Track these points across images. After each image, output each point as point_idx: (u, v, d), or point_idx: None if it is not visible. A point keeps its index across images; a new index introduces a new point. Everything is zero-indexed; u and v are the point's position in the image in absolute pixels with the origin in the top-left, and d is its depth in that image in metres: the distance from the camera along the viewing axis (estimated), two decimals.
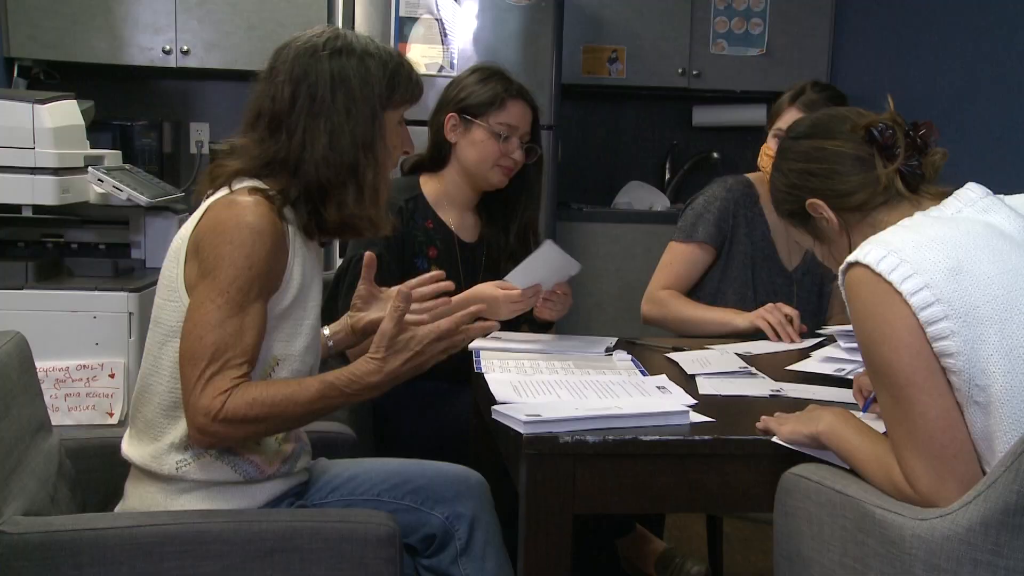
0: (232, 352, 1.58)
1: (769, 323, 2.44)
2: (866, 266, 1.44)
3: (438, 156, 2.55)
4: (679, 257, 2.71)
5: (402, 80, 1.77)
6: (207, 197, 1.72)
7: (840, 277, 1.51)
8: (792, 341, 2.41)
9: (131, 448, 1.74)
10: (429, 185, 2.56)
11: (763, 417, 1.69)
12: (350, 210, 1.71)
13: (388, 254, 2.40)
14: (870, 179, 1.60)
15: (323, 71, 1.70)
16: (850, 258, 1.48)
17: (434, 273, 2.01)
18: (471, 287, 2.43)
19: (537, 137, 2.55)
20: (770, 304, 2.48)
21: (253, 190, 1.67)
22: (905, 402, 1.41)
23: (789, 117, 2.57)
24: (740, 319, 2.50)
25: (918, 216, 1.54)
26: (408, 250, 2.47)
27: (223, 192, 1.69)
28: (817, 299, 2.75)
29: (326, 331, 2.00)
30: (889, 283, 1.41)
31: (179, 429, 1.67)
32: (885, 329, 1.42)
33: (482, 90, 2.48)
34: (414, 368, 1.64)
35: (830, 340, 2.30)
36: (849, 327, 2.16)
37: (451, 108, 2.51)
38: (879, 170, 1.59)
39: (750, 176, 2.77)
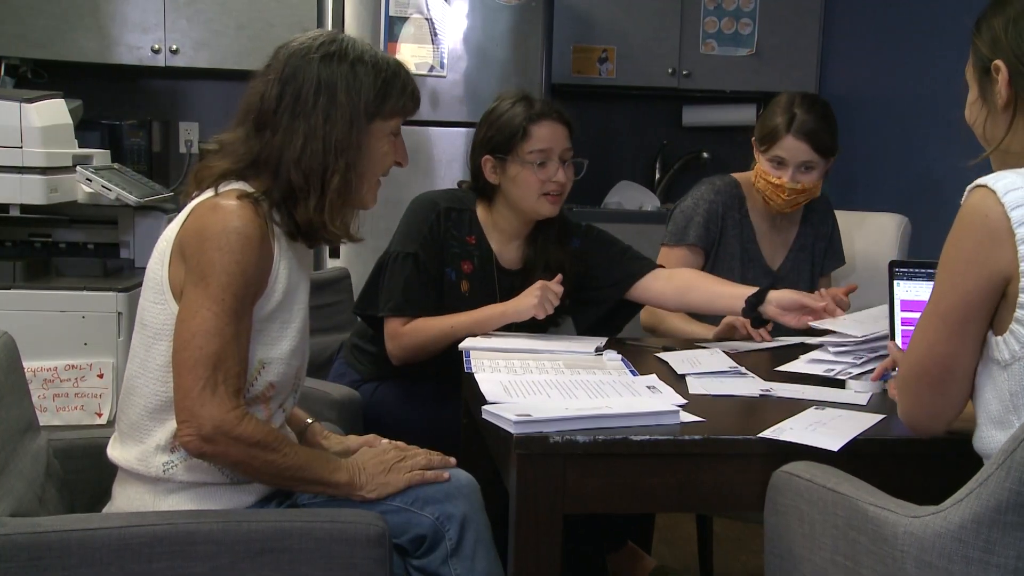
0: (231, 361, 1.60)
1: (741, 322, 2.44)
2: (993, 192, 1.39)
3: (484, 193, 2.50)
4: (671, 262, 2.69)
5: (395, 91, 1.76)
6: (193, 198, 1.72)
7: (965, 195, 1.45)
8: (762, 339, 2.41)
9: (117, 450, 1.74)
10: (483, 209, 2.50)
11: None
12: (310, 215, 1.71)
13: (424, 255, 2.40)
14: None
15: (311, 74, 1.70)
16: (980, 180, 1.42)
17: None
18: None
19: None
20: None
21: (239, 194, 1.66)
22: (927, 326, 1.46)
23: (790, 145, 2.56)
24: (713, 332, 2.51)
25: None
26: (440, 257, 2.43)
27: (208, 194, 1.69)
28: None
29: (308, 421, 2.01)
30: (1008, 219, 1.37)
31: (165, 431, 1.67)
32: (960, 265, 1.41)
33: (505, 124, 2.41)
34: (381, 465, 1.77)
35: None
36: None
37: (483, 150, 2.45)
38: None
39: (737, 177, 2.77)
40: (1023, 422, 1.37)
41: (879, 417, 1.76)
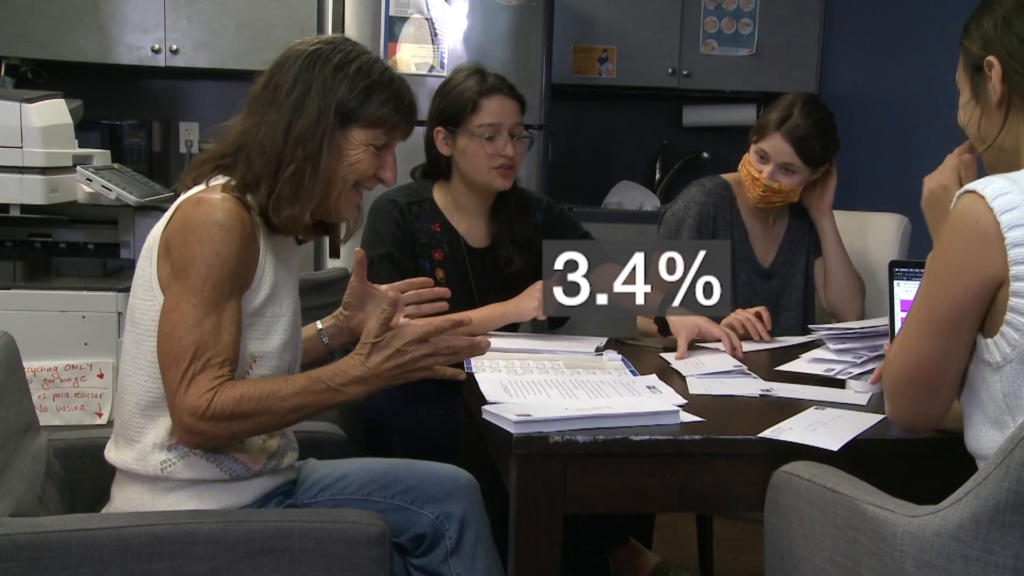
0: (213, 350, 1.59)
1: (739, 321, 2.44)
2: (982, 197, 1.38)
3: (436, 168, 2.54)
4: None
5: (378, 98, 1.73)
6: (185, 190, 1.73)
7: (954, 200, 1.44)
8: (760, 338, 2.41)
9: (114, 452, 1.74)
10: (441, 191, 2.54)
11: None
12: (260, 201, 1.70)
13: (398, 252, 2.41)
14: None
15: (292, 69, 1.71)
16: (968, 185, 1.42)
17: (424, 280, 2.05)
18: (484, 292, 2.43)
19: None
20: (737, 309, 2.49)
21: (223, 187, 1.68)
22: (919, 333, 1.45)
23: (775, 143, 2.57)
24: None
25: None
26: (412, 251, 2.46)
27: (196, 189, 1.70)
28: (803, 285, 2.76)
29: (319, 325, 2.01)
30: (998, 223, 1.36)
31: (159, 429, 1.67)
32: (952, 270, 1.41)
33: (456, 96, 2.45)
34: (397, 368, 1.62)
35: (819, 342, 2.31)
36: (837, 327, 2.17)
37: (435, 122, 2.48)
38: None
39: (727, 177, 2.77)
40: (1019, 422, 1.37)
41: (879, 417, 1.76)
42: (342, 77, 1.71)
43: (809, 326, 2.47)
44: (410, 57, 3.90)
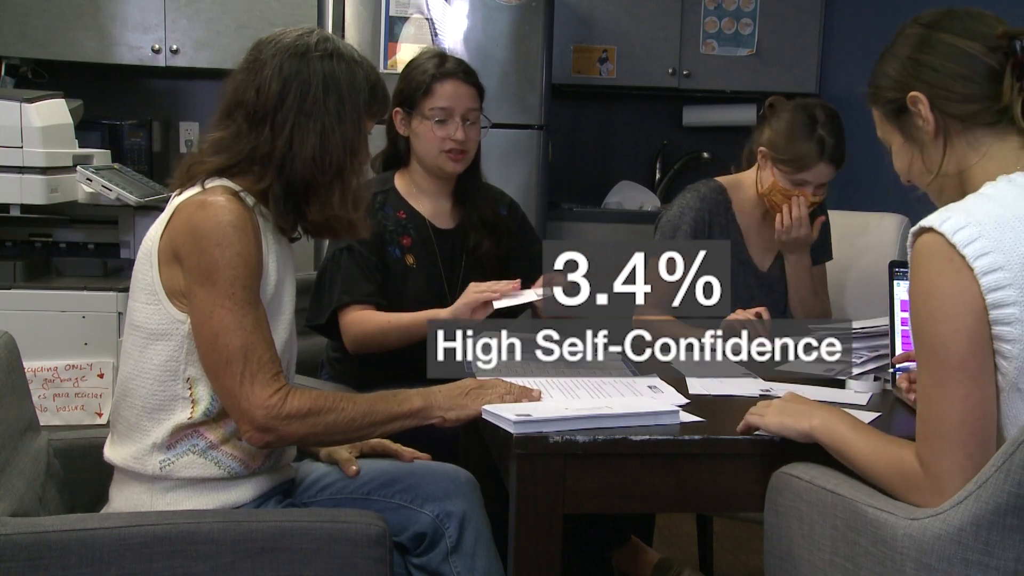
0: (261, 349, 1.61)
1: (740, 321, 2.43)
2: (940, 234, 1.36)
3: (396, 152, 2.56)
4: None
5: (380, 94, 1.79)
6: (177, 194, 1.72)
7: (910, 239, 1.42)
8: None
9: (113, 451, 1.74)
10: (402, 178, 2.57)
11: (745, 418, 1.67)
12: (334, 211, 1.72)
13: (359, 245, 2.41)
14: (991, 93, 1.45)
15: (315, 71, 1.70)
16: (924, 222, 1.39)
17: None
18: (452, 274, 2.43)
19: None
20: (738, 309, 2.48)
21: (224, 190, 1.67)
22: (950, 384, 1.36)
23: (820, 171, 2.59)
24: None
25: (1003, 184, 1.42)
26: (380, 240, 2.47)
27: (192, 191, 1.68)
28: None
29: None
30: (963, 257, 1.34)
31: (162, 429, 1.67)
32: (948, 308, 1.35)
33: (413, 79, 2.48)
34: (456, 388, 1.75)
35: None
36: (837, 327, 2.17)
37: (394, 102, 2.50)
38: (1005, 86, 1.44)
39: (722, 181, 2.76)
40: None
41: (878, 416, 1.76)
42: (359, 75, 1.74)
43: (809, 326, 2.46)
44: (410, 57, 3.89)
